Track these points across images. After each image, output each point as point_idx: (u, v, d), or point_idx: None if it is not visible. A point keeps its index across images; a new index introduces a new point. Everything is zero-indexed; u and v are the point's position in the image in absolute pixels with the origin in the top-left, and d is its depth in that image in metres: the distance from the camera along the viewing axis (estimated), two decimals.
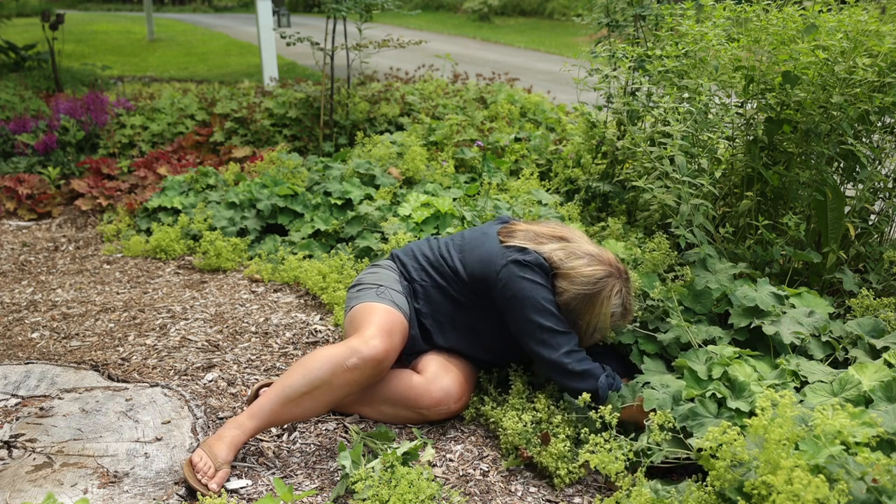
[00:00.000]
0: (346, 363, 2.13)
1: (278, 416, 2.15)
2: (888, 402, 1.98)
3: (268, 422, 2.16)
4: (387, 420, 2.42)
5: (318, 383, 2.12)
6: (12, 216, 4.86)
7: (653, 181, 2.80)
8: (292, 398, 2.13)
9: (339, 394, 2.17)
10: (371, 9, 5.30)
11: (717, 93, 3.02)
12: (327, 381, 2.12)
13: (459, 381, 2.39)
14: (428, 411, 2.35)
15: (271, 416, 2.14)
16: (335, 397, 2.18)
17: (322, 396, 2.14)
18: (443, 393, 2.34)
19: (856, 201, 2.94)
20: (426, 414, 2.36)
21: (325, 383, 2.12)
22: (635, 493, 1.84)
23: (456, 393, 2.36)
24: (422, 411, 2.35)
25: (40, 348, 2.99)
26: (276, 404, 2.13)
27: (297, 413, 2.17)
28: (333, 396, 2.17)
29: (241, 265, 3.93)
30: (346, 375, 2.13)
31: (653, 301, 2.55)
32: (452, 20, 22.80)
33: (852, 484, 1.63)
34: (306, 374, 2.13)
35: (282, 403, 2.13)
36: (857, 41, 2.75)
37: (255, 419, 2.14)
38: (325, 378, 2.12)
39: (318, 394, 2.13)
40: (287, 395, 2.13)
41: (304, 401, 2.14)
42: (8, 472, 2.09)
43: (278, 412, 2.14)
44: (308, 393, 2.12)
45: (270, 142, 5.66)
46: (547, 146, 4.83)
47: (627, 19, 3.97)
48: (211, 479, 2.02)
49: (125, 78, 10.70)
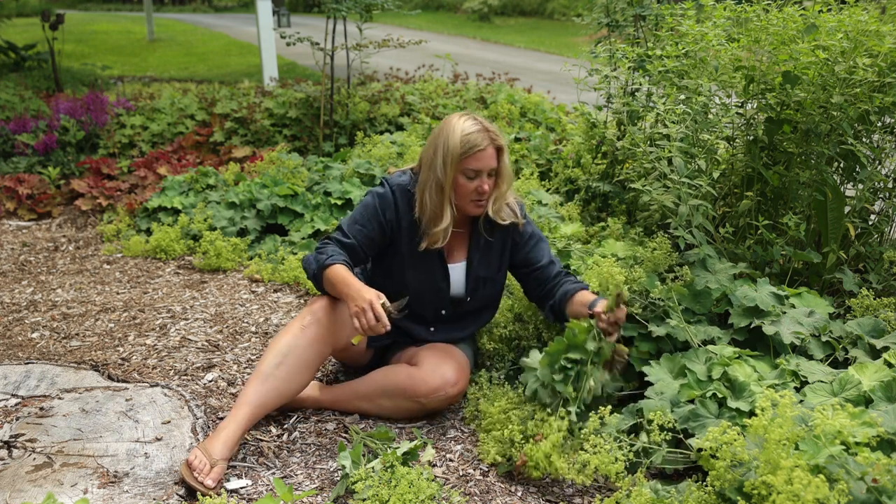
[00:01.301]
0: (303, 323, 2.30)
1: (262, 396, 2.21)
2: (888, 402, 1.98)
3: (255, 404, 2.20)
4: (386, 414, 2.43)
5: (286, 349, 2.25)
6: (12, 216, 4.86)
7: (652, 182, 2.80)
8: (269, 373, 2.24)
9: (308, 354, 2.28)
10: (371, 9, 5.30)
11: (717, 93, 3.02)
12: (293, 344, 2.26)
13: (454, 366, 2.42)
14: (426, 399, 2.37)
15: (256, 397, 2.20)
16: (306, 358, 2.28)
17: (294, 362, 2.25)
18: (440, 379, 2.37)
19: (856, 201, 2.94)
20: (425, 402, 2.38)
21: (293, 346, 2.26)
22: (635, 494, 1.84)
23: (452, 378, 2.38)
24: (420, 400, 2.37)
25: (40, 348, 2.99)
26: (257, 384, 2.23)
27: (279, 386, 2.24)
28: (304, 357, 2.27)
29: (241, 265, 3.93)
30: (306, 333, 2.28)
31: (653, 300, 2.55)
32: (452, 20, 22.80)
33: (852, 484, 1.63)
34: (274, 348, 2.27)
35: (261, 381, 2.22)
36: (858, 41, 2.75)
37: (242, 406, 2.19)
38: (290, 342, 2.27)
39: (290, 360, 2.25)
40: (263, 372, 2.24)
41: (280, 371, 2.24)
42: (8, 472, 2.09)
43: (260, 391, 2.22)
44: (281, 363, 2.24)
45: (270, 142, 5.66)
46: (547, 146, 4.83)
47: (627, 19, 3.97)
48: (207, 475, 2.04)
49: (125, 78, 10.70)
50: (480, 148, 2.30)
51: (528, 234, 2.52)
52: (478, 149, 2.30)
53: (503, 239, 2.50)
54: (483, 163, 2.31)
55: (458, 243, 2.49)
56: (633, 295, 2.54)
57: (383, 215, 2.40)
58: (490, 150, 2.32)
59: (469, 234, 2.50)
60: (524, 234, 2.51)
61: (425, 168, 2.38)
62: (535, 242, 2.52)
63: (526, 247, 2.51)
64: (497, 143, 2.34)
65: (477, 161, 2.31)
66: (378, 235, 2.42)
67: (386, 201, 2.41)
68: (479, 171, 2.32)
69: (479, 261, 2.48)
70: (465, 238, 2.50)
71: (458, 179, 2.33)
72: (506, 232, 2.50)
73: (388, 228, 2.41)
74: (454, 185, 2.34)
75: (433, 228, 2.37)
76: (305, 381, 2.32)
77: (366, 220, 2.40)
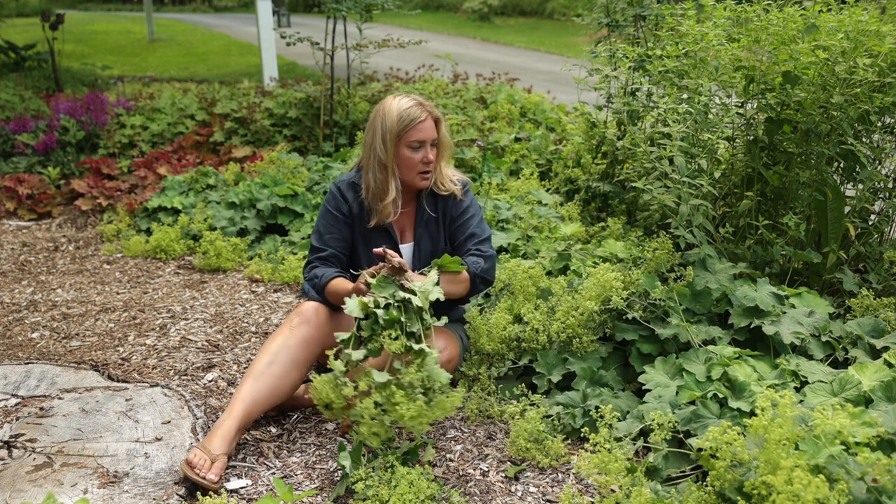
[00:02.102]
0: (292, 324, 2.38)
1: (256, 392, 2.25)
2: (888, 402, 1.98)
3: (249, 400, 2.23)
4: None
5: (277, 349, 2.32)
6: (12, 216, 4.86)
7: (652, 181, 2.80)
8: (262, 371, 2.28)
9: (298, 353, 2.33)
10: (371, 9, 5.30)
11: (717, 93, 3.02)
12: (283, 344, 2.33)
13: (443, 340, 2.48)
14: None
15: (250, 394, 2.24)
16: (296, 357, 2.33)
17: (285, 361, 2.31)
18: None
19: (856, 201, 2.94)
20: None
21: (283, 346, 2.33)
22: (635, 494, 1.84)
23: (444, 357, 2.43)
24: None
25: (40, 348, 2.99)
26: (250, 382, 2.27)
27: (271, 384, 2.28)
28: (294, 356, 2.32)
29: (241, 265, 3.93)
30: (295, 333, 2.35)
31: (653, 301, 2.55)
32: (452, 20, 22.80)
33: (852, 484, 1.63)
34: (266, 349, 2.33)
35: (254, 379, 2.27)
36: (858, 41, 2.75)
37: (237, 402, 2.22)
38: (281, 342, 2.33)
39: (281, 359, 2.31)
40: (256, 371, 2.29)
41: (272, 370, 2.29)
42: (8, 472, 2.09)
43: (254, 387, 2.25)
44: (272, 361, 2.30)
45: (270, 142, 5.66)
46: (547, 146, 4.83)
47: (627, 19, 3.97)
48: (208, 470, 2.04)
49: (125, 78, 10.70)
50: (420, 119, 2.44)
51: (462, 209, 2.59)
52: (418, 121, 2.44)
53: (444, 211, 2.59)
54: (425, 133, 2.44)
55: (407, 223, 2.59)
56: (633, 297, 2.55)
57: (339, 212, 2.52)
58: (429, 121, 2.46)
59: (414, 212, 2.59)
60: (459, 207, 2.59)
61: (366, 151, 2.50)
62: (466, 219, 2.59)
63: (457, 222, 2.59)
64: (434, 114, 2.49)
65: (418, 132, 2.44)
66: (347, 232, 2.53)
67: (336, 199, 2.53)
68: (422, 141, 2.45)
69: (424, 237, 2.58)
70: (410, 216, 2.59)
71: (403, 153, 2.45)
72: (446, 204, 2.58)
73: (348, 221, 2.52)
74: (398, 159, 2.46)
75: (380, 203, 2.47)
76: (296, 379, 2.35)
77: (330, 226, 2.52)
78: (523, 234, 3.60)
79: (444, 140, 2.52)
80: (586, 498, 2.08)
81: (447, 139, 2.53)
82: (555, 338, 2.57)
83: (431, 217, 2.58)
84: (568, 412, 2.35)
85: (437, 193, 2.56)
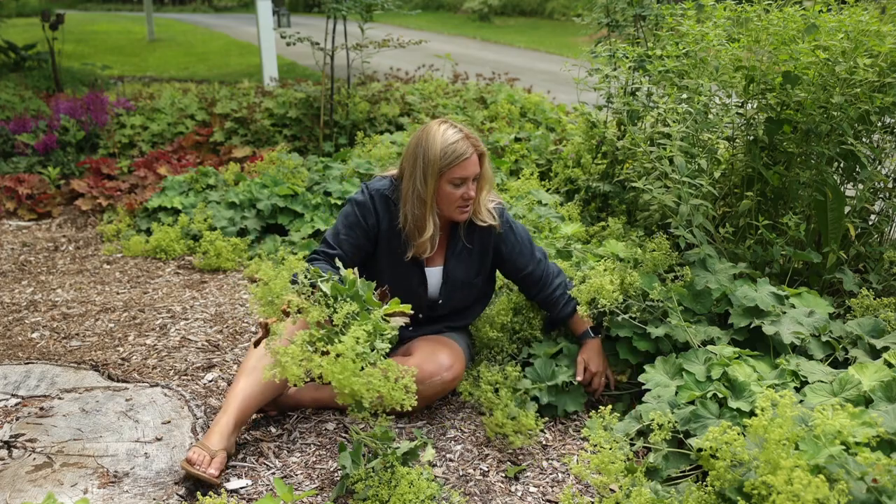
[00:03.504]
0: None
1: (249, 387, 2.24)
2: (888, 402, 1.98)
3: (242, 396, 2.23)
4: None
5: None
6: (12, 216, 4.86)
7: (652, 181, 2.80)
8: (254, 366, 2.27)
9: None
10: (371, 9, 5.30)
11: (717, 93, 3.02)
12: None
13: (449, 353, 2.46)
14: (422, 385, 2.38)
15: (243, 389, 2.24)
16: None
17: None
18: (435, 365, 2.41)
19: (856, 201, 2.94)
20: (421, 389, 2.39)
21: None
22: (635, 494, 1.84)
23: (447, 362, 2.42)
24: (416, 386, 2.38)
25: (40, 348, 2.99)
26: (242, 378, 2.26)
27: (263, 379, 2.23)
28: None
29: (241, 265, 3.93)
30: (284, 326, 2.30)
31: (652, 301, 2.55)
32: (452, 20, 22.80)
33: (852, 484, 1.63)
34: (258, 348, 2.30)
35: (246, 375, 2.27)
36: (858, 41, 2.74)
37: (231, 399, 2.22)
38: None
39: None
40: (248, 367, 2.28)
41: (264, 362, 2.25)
42: (8, 472, 2.09)
43: (247, 382, 2.25)
44: (263, 355, 2.25)
45: (270, 142, 5.66)
46: (547, 146, 4.83)
47: (627, 19, 3.97)
48: (208, 465, 2.05)
49: (125, 78, 10.70)
50: (466, 157, 2.33)
51: (512, 242, 2.55)
52: (463, 158, 2.33)
53: (482, 243, 2.53)
54: (468, 171, 2.34)
55: (436, 254, 2.52)
56: (631, 298, 2.55)
57: (365, 221, 2.43)
58: (474, 157, 2.35)
59: (447, 238, 2.52)
60: (507, 241, 2.54)
61: (406, 179, 2.39)
62: (519, 249, 2.56)
63: (511, 255, 2.55)
64: (479, 149, 2.38)
65: (462, 170, 2.33)
66: (364, 241, 2.45)
67: (365, 208, 2.43)
68: (465, 178, 2.35)
69: (455, 266, 2.52)
70: (443, 242, 2.52)
71: (444, 189, 2.35)
72: (486, 237, 2.52)
73: (371, 233, 2.44)
74: (438, 194, 2.37)
75: (419, 239, 2.40)
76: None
77: (349, 229, 2.44)
78: None
79: (487, 174, 2.42)
80: (586, 498, 2.08)
81: (489, 173, 2.43)
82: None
83: (465, 248, 2.51)
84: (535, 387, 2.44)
85: (474, 224, 2.49)
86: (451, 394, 2.58)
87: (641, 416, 2.19)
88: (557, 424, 2.46)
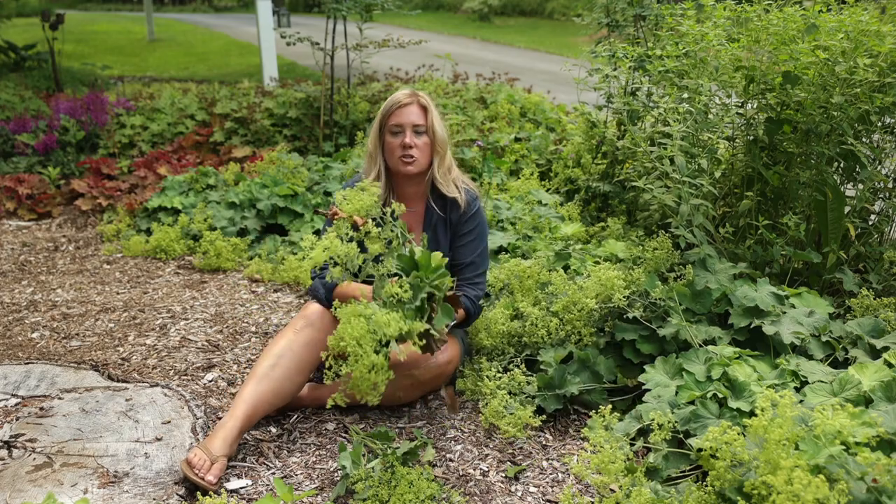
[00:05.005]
0: (297, 327, 2.38)
1: (259, 394, 2.24)
2: (888, 402, 1.98)
3: (251, 402, 2.22)
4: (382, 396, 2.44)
5: (280, 352, 2.32)
6: (12, 216, 4.86)
7: (653, 181, 2.80)
8: (265, 374, 2.28)
9: (302, 356, 2.33)
10: (371, 9, 5.30)
11: (717, 93, 3.02)
12: (287, 346, 2.33)
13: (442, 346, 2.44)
14: (418, 371, 2.40)
15: (252, 396, 2.23)
16: (300, 360, 2.33)
17: (288, 364, 2.31)
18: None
19: (856, 201, 2.94)
20: (417, 374, 2.42)
21: (286, 349, 2.32)
22: (635, 494, 1.84)
23: (443, 357, 2.44)
24: (413, 372, 2.41)
25: (40, 348, 2.99)
26: (253, 384, 2.27)
27: (274, 387, 2.27)
28: (298, 358, 2.32)
29: (241, 265, 3.93)
30: (300, 336, 2.35)
31: (654, 301, 2.55)
32: (452, 20, 22.80)
33: (852, 484, 1.63)
34: (269, 351, 2.33)
35: (257, 381, 2.26)
36: (858, 41, 2.74)
37: (239, 404, 2.21)
38: (285, 345, 2.33)
39: (284, 362, 2.30)
40: (259, 373, 2.28)
41: (275, 373, 2.28)
42: (8, 472, 2.09)
43: (257, 390, 2.25)
44: (276, 364, 2.29)
45: (270, 142, 5.66)
46: (547, 146, 4.83)
47: (627, 19, 3.97)
48: (207, 471, 2.04)
49: (125, 78, 10.70)
50: (402, 103, 2.46)
51: (466, 225, 2.57)
52: (399, 104, 2.45)
53: (451, 216, 2.59)
54: (404, 118, 2.45)
55: (416, 222, 2.58)
56: (633, 296, 2.55)
57: None
58: (413, 107, 2.46)
59: (423, 211, 2.59)
60: (465, 226, 2.57)
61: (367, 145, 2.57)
62: (471, 240, 2.57)
63: (460, 236, 2.57)
64: (422, 101, 2.48)
65: (397, 117, 2.46)
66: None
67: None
68: (401, 124, 2.45)
69: (433, 238, 2.58)
70: (420, 216, 2.58)
71: (386, 139, 2.48)
72: (454, 210, 2.57)
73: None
74: (384, 148, 2.50)
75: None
76: (300, 382, 2.35)
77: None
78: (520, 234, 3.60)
79: (437, 132, 2.48)
80: (586, 498, 2.08)
81: (441, 133, 2.50)
82: (553, 333, 2.58)
83: (440, 217, 2.57)
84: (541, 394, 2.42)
85: (443, 194, 2.55)
86: None
87: (641, 416, 2.19)
88: (557, 424, 2.46)
